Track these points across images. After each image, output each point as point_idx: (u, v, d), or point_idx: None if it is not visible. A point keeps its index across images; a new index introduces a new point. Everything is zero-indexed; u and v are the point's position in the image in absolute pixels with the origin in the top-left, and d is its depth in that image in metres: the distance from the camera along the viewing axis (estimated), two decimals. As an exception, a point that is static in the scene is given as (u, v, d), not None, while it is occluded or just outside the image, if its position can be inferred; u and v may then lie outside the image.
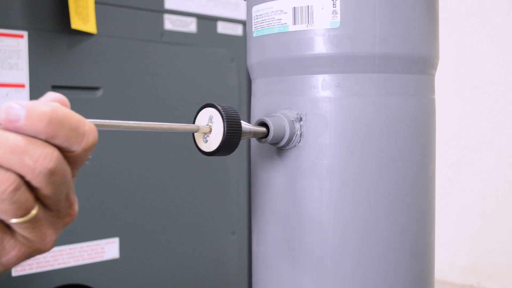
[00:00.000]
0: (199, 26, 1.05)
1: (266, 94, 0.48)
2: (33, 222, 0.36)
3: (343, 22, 0.44)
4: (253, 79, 0.51)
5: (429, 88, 0.48)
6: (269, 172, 0.48)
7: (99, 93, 0.92)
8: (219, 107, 0.42)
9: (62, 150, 0.35)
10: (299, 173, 0.45)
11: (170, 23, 1.01)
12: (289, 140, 0.45)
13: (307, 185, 0.45)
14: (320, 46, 0.44)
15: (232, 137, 0.42)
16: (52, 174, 0.34)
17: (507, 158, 1.22)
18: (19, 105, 0.33)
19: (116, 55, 0.93)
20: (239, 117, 0.43)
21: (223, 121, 0.42)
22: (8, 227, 0.37)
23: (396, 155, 0.45)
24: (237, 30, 1.11)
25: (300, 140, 0.45)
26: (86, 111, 0.90)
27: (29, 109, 0.33)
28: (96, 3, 0.89)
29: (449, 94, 1.26)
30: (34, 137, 0.34)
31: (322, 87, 0.44)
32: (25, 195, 0.34)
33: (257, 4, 0.48)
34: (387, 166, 0.45)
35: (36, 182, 0.34)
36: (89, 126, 0.36)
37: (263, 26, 0.47)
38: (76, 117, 0.35)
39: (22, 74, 0.83)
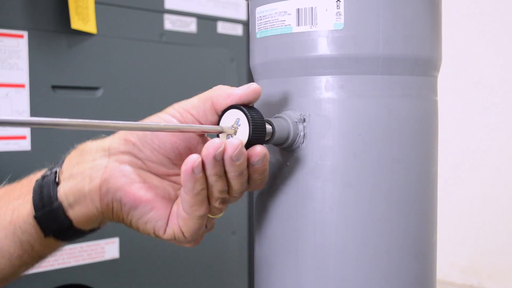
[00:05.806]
0: (199, 26, 1.05)
1: (269, 95, 0.48)
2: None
3: (346, 23, 0.44)
4: (256, 80, 0.51)
5: (432, 89, 0.48)
6: (272, 173, 0.48)
7: (99, 93, 0.92)
8: (245, 110, 0.43)
9: None
10: (302, 174, 0.45)
11: (170, 23, 1.01)
12: (293, 141, 0.45)
13: (310, 186, 0.45)
14: (324, 48, 0.44)
15: (256, 141, 0.43)
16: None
17: (507, 159, 1.22)
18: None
19: (116, 55, 0.93)
20: (264, 121, 0.43)
21: (249, 124, 0.42)
22: None
23: (398, 156, 0.45)
24: (237, 30, 1.11)
25: (303, 141, 0.45)
26: (86, 111, 0.90)
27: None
28: (96, 3, 0.89)
29: (449, 94, 1.26)
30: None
31: (326, 88, 0.44)
32: None
33: (260, 5, 0.48)
34: (390, 167, 0.45)
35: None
36: None
37: (266, 27, 0.47)
38: None
39: (22, 74, 0.83)
